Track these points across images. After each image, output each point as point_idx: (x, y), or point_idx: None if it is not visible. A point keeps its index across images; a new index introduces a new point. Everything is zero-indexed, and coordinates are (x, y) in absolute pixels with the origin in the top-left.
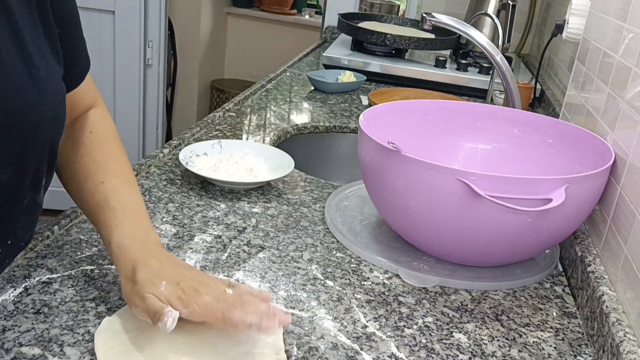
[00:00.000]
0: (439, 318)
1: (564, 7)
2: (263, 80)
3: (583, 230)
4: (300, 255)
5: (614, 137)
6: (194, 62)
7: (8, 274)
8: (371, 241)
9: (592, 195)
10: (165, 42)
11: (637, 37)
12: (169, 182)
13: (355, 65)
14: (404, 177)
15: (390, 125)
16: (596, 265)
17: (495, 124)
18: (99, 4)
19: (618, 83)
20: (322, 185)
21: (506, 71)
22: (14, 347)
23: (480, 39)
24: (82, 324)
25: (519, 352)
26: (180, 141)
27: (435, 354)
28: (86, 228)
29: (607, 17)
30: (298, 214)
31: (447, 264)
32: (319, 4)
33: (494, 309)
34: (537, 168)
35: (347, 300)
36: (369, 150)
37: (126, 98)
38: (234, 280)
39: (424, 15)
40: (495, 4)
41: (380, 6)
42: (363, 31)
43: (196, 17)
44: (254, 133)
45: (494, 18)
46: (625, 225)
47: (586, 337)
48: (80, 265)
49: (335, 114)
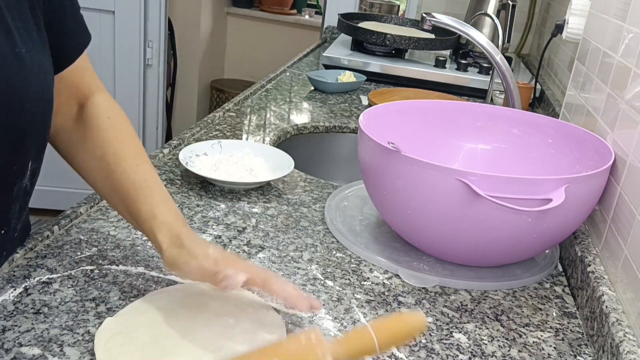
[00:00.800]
0: (439, 318)
1: (564, 7)
2: (263, 80)
3: (583, 230)
4: (300, 255)
5: (614, 137)
6: (194, 62)
7: (8, 274)
8: (371, 241)
9: (592, 196)
10: (165, 42)
11: (637, 37)
12: (169, 182)
13: (355, 65)
14: (404, 177)
15: (390, 125)
16: (596, 265)
17: (495, 124)
18: (99, 4)
19: (618, 83)
20: (322, 185)
21: (506, 71)
22: (13, 347)
23: (480, 39)
24: (82, 324)
25: (519, 352)
26: (180, 141)
27: (435, 354)
28: (86, 228)
29: (607, 17)
30: (298, 214)
31: (447, 264)
32: (319, 4)
33: (494, 309)
34: (537, 168)
35: (347, 300)
36: (369, 150)
37: (126, 98)
38: None
39: (424, 15)
40: (495, 4)
41: (380, 6)
42: (363, 31)
43: (196, 17)
44: (254, 133)
45: (494, 18)
46: (625, 225)
47: (586, 337)
48: (80, 265)
49: (335, 114)
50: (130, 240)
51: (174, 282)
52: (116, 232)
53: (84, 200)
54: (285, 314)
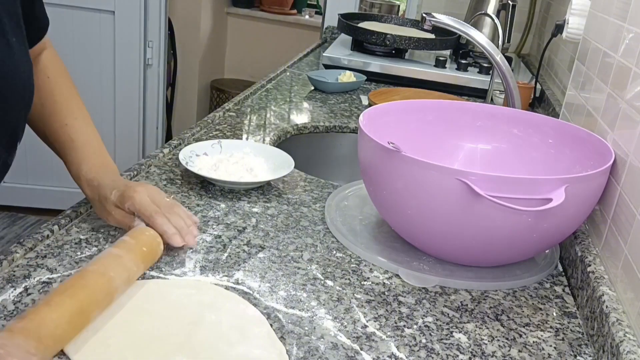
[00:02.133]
0: (439, 318)
1: (564, 7)
2: (263, 80)
3: (583, 230)
4: (300, 255)
5: (614, 137)
6: (194, 62)
7: (8, 273)
8: (371, 241)
9: (592, 195)
10: (165, 42)
11: (637, 37)
12: (169, 182)
13: (355, 65)
14: (404, 177)
15: (390, 125)
16: (596, 265)
17: (495, 124)
18: (99, 4)
19: (618, 83)
20: (322, 185)
21: (506, 71)
22: None
23: (480, 39)
24: None
25: (519, 352)
26: (180, 141)
27: (435, 354)
28: (86, 228)
29: (607, 17)
30: (298, 214)
31: (447, 264)
32: (319, 4)
33: (494, 309)
34: (537, 168)
35: (347, 300)
36: (369, 150)
37: (126, 98)
38: (175, 197)
39: (424, 15)
40: (495, 4)
41: (380, 6)
42: (363, 31)
43: (196, 17)
44: (254, 133)
45: (494, 18)
46: (625, 225)
47: (586, 337)
48: (80, 265)
49: (335, 114)
50: None
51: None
52: (116, 232)
53: (84, 200)
54: (285, 314)
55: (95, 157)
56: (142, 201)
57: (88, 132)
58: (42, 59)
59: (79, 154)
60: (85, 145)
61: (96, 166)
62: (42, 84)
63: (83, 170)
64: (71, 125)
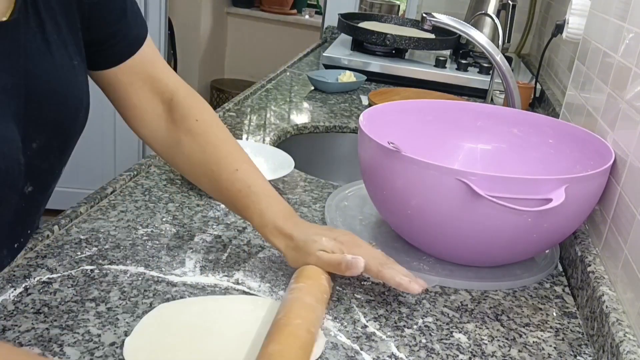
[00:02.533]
0: (439, 318)
1: (564, 7)
2: (263, 80)
3: (583, 230)
4: None
5: (614, 137)
6: (194, 62)
7: (8, 274)
8: (371, 241)
9: (592, 195)
10: (165, 42)
11: (637, 37)
12: (169, 182)
13: (355, 65)
14: (404, 177)
15: (390, 125)
16: (596, 265)
17: (495, 124)
18: None
19: (618, 83)
20: (322, 185)
21: (506, 71)
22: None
23: (480, 39)
24: (82, 324)
25: (519, 352)
26: None
27: (435, 354)
28: (86, 228)
29: (607, 17)
30: (298, 214)
31: (447, 264)
32: (319, 4)
33: (494, 309)
34: (537, 168)
35: (347, 300)
36: (369, 150)
37: None
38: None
39: (424, 15)
40: (495, 4)
41: (380, 6)
42: (363, 31)
43: (196, 17)
44: (254, 133)
45: (494, 18)
46: (625, 225)
47: (586, 337)
48: (80, 265)
49: (335, 114)
50: (130, 240)
51: (174, 282)
52: (116, 232)
53: (84, 200)
54: None
55: (276, 204)
56: (364, 254)
57: (259, 176)
58: (184, 102)
59: (261, 199)
60: (263, 191)
61: (281, 213)
62: (197, 129)
63: (268, 218)
64: (240, 169)
